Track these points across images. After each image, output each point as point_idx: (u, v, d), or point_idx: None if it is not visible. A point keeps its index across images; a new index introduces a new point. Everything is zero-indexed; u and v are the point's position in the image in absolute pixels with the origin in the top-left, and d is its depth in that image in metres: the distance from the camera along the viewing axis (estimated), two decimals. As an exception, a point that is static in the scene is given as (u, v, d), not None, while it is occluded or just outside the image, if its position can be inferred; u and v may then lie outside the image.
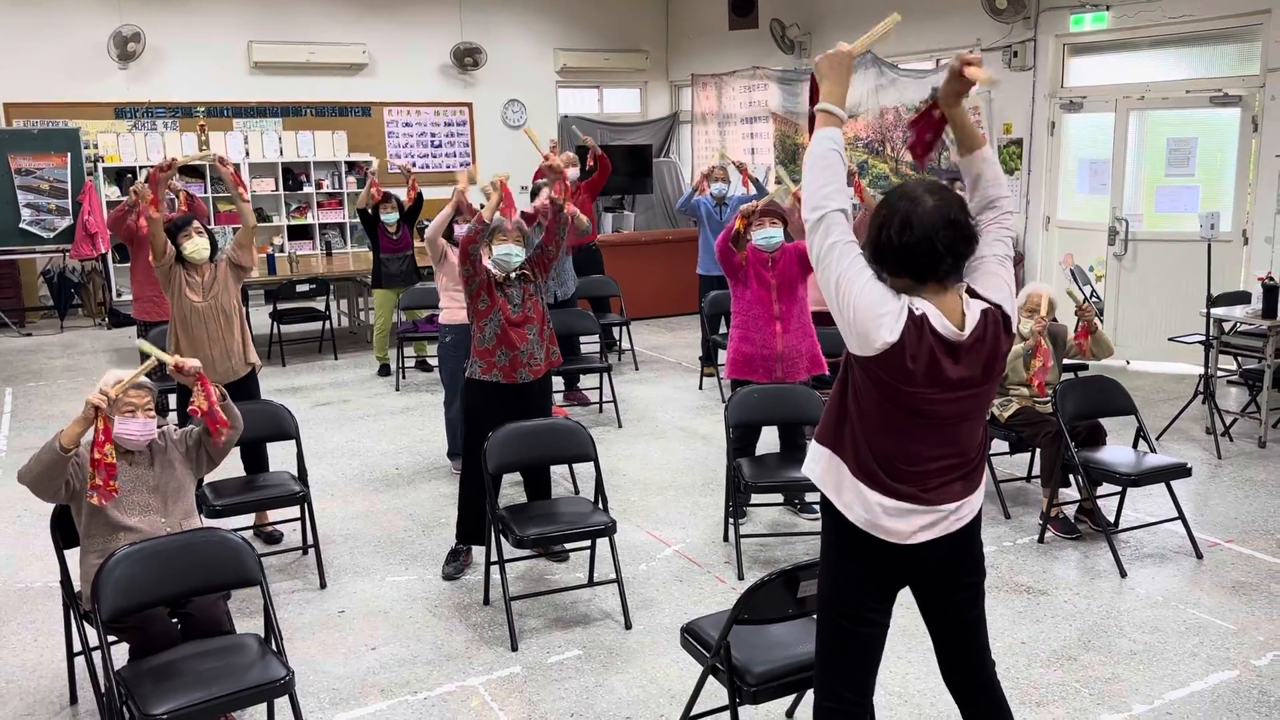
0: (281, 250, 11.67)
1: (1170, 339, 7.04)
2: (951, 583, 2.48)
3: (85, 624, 3.31)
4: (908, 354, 2.26)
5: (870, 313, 2.26)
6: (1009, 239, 2.48)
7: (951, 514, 2.40)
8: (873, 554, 2.41)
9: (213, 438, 3.51)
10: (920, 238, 2.26)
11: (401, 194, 8.16)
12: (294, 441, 4.63)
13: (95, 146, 11.04)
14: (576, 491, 5.49)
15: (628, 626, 4.03)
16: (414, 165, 12.60)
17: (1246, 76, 7.66)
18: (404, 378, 8.17)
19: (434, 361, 8.24)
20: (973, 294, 2.36)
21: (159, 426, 3.49)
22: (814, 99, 2.44)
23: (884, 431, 2.35)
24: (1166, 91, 8.10)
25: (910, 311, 2.27)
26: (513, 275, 4.49)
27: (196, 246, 4.78)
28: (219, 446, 3.56)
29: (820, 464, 2.46)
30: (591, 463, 4.25)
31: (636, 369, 8.51)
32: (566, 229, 4.58)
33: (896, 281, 2.34)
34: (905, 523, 2.37)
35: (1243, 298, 6.84)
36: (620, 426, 6.84)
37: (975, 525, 2.48)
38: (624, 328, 8.68)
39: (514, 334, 4.44)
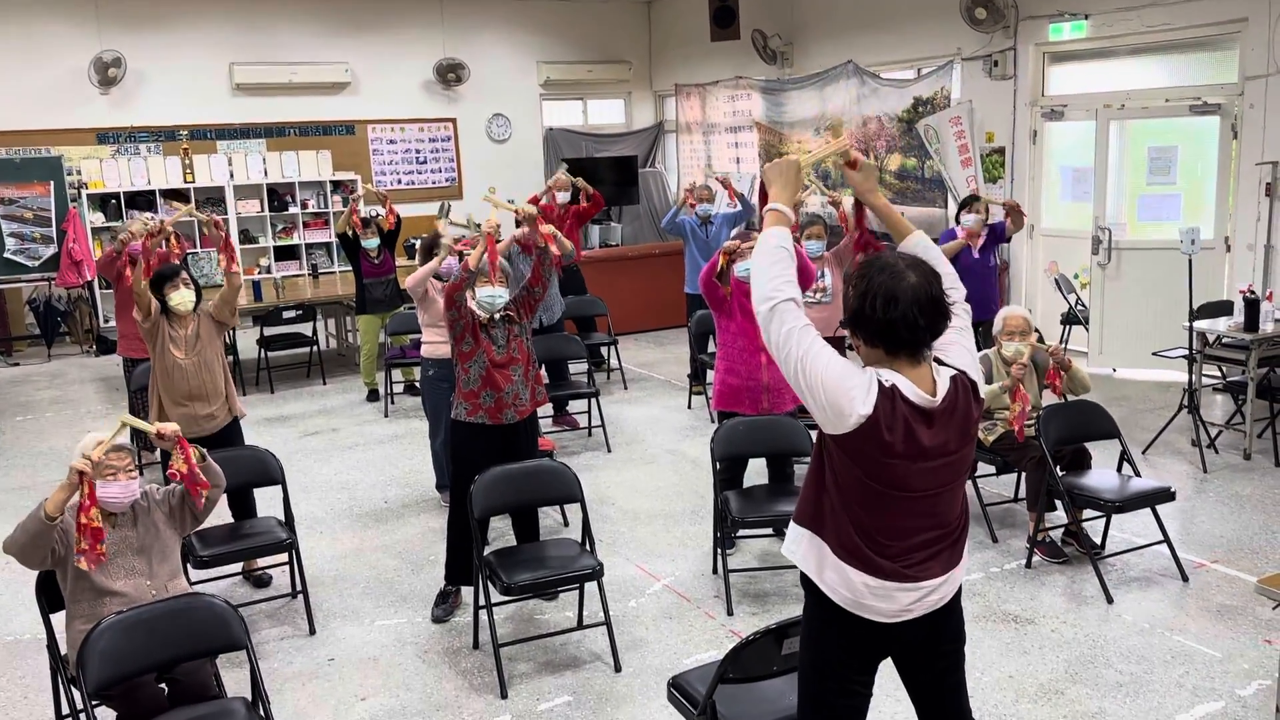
0: (268, 272, 11.66)
1: (1154, 354, 7.06)
2: (933, 652, 2.50)
3: (73, 687, 3.31)
4: (883, 425, 2.27)
5: (839, 386, 2.27)
6: (961, 311, 2.48)
7: (935, 590, 2.41)
8: (856, 631, 2.42)
9: (194, 500, 3.52)
10: (904, 313, 2.27)
11: (382, 210, 8.13)
12: (280, 487, 4.63)
13: (79, 173, 11.00)
14: (565, 522, 5.49)
15: (617, 669, 4.04)
16: (399, 182, 12.64)
17: (1225, 85, 7.69)
18: (392, 403, 8.16)
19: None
20: (939, 361, 2.38)
21: (141, 487, 3.50)
22: (763, 200, 2.49)
23: (865, 507, 2.36)
24: (1146, 100, 8.13)
25: (880, 383, 2.28)
26: (497, 317, 4.50)
27: (182, 299, 4.76)
28: (200, 508, 3.57)
29: (801, 545, 2.47)
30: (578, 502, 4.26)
31: (625, 388, 8.52)
32: (552, 271, 4.58)
33: (869, 352, 2.35)
34: (891, 602, 2.38)
35: (1226, 308, 6.86)
36: (609, 451, 6.84)
37: (957, 597, 2.49)
38: (612, 346, 8.69)
39: (499, 375, 4.44)
